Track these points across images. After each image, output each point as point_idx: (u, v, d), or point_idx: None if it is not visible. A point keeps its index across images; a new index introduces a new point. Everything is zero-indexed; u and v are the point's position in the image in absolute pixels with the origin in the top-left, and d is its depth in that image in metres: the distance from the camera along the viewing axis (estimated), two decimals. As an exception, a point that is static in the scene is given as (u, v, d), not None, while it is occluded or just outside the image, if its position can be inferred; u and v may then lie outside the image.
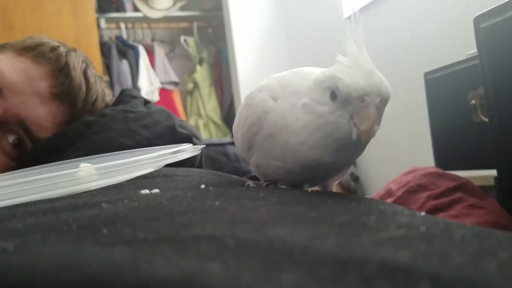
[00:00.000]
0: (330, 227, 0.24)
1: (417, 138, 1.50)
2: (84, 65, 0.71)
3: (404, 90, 1.57)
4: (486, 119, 0.79)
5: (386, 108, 0.37)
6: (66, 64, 0.68)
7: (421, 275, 0.17)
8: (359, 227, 0.24)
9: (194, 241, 0.21)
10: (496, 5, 0.61)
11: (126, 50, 2.78)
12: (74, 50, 0.73)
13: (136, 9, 2.94)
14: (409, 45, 1.64)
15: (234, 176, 0.57)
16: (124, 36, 2.88)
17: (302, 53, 2.45)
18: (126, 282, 0.17)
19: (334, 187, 0.42)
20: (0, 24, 2.06)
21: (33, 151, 0.65)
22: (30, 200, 0.37)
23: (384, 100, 0.35)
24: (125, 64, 2.74)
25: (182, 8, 3.01)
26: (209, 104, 2.93)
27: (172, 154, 0.46)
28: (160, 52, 2.91)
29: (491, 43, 0.62)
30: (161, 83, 2.82)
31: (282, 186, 0.44)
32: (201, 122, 2.89)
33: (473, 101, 0.84)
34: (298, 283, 0.17)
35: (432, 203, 0.76)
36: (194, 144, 0.64)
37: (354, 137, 0.35)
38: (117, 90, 2.37)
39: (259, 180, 0.47)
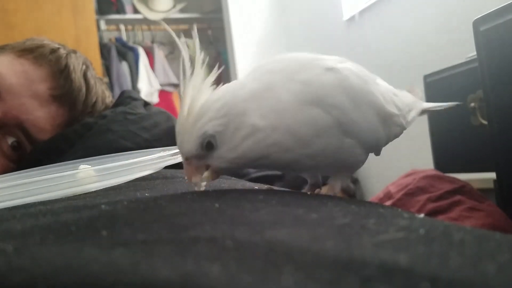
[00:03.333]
0: (330, 229, 0.24)
1: (416, 140, 1.50)
2: (84, 67, 0.72)
3: (404, 93, 1.57)
4: (485, 122, 0.79)
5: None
6: (66, 66, 0.68)
7: (421, 277, 0.17)
8: (358, 230, 0.24)
9: (194, 243, 0.21)
10: (495, 8, 0.61)
11: (126, 52, 2.78)
12: (74, 52, 0.73)
13: (136, 11, 2.95)
14: (408, 48, 1.65)
15: (233, 178, 0.57)
16: (124, 38, 2.89)
17: (302, 56, 2.45)
18: (126, 284, 0.17)
19: (332, 190, 0.41)
20: (0, 24, 2.06)
21: (32, 153, 0.65)
22: (29, 202, 0.37)
23: (188, 156, 0.36)
24: (124, 66, 2.75)
25: (182, 10, 3.02)
26: (209, 106, 2.93)
27: (172, 156, 0.46)
28: (159, 54, 2.91)
29: (491, 46, 0.62)
30: (161, 84, 2.82)
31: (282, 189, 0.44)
32: (200, 124, 2.89)
33: (472, 104, 0.84)
34: (297, 284, 0.17)
35: (431, 205, 0.76)
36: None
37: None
38: (117, 92, 2.38)
39: (258, 182, 0.47)
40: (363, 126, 0.37)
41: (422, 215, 0.30)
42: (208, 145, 0.35)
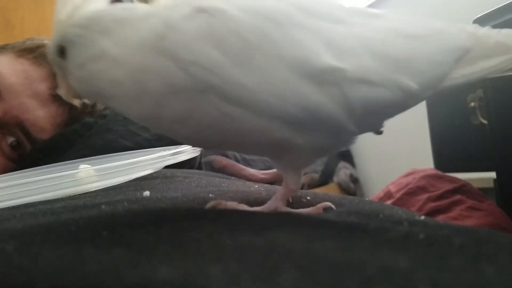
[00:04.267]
0: (330, 230, 0.24)
1: (416, 140, 1.50)
2: (84, 66, 0.71)
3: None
4: (485, 121, 0.79)
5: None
6: (66, 66, 0.68)
7: (420, 278, 0.17)
8: (358, 230, 0.24)
9: (194, 243, 0.21)
10: (495, 8, 0.61)
11: (126, 51, 2.78)
12: (74, 51, 0.73)
13: (136, 10, 2.94)
14: (408, 47, 1.64)
15: (233, 178, 0.57)
16: (124, 37, 2.88)
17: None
18: (126, 284, 0.17)
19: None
20: (0, 24, 2.06)
21: (32, 152, 0.65)
22: (29, 201, 0.37)
23: (49, 56, 0.31)
24: (124, 65, 2.74)
25: (182, 10, 3.01)
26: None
27: (172, 155, 0.46)
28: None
29: (491, 46, 0.62)
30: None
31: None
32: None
33: (472, 103, 0.84)
34: (297, 285, 0.17)
35: (431, 205, 0.76)
36: (193, 145, 0.64)
37: None
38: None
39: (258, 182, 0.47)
40: (257, 88, 0.26)
41: (422, 217, 0.30)
42: (61, 52, 0.30)
